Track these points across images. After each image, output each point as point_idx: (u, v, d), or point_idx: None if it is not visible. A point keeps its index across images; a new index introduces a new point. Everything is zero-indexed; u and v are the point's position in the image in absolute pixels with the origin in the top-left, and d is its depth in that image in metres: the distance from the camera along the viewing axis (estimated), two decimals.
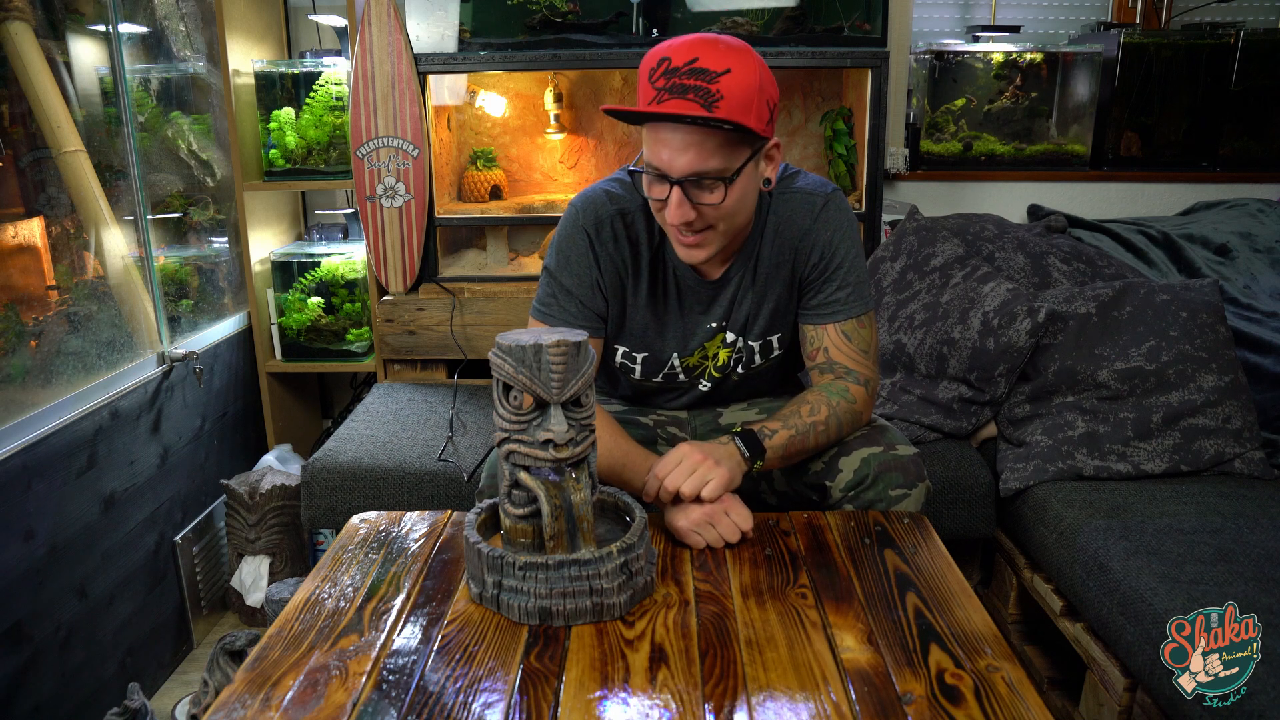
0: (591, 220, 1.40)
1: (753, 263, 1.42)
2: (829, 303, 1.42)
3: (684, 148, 1.21)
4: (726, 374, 1.52)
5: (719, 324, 1.46)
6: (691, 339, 1.47)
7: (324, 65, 2.34)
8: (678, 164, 1.22)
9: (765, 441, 1.32)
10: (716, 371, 1.52)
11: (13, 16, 1.71)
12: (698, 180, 1.23)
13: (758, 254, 1.42)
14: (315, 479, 1.85)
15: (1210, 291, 1.92)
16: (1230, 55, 2.52)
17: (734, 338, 1.47)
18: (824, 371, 1.44)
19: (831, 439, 1.40)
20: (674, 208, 1.25)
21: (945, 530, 1.64)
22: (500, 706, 0.91)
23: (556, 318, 1.42)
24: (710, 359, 1.50)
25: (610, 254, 1.40)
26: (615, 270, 1.41)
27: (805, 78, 2.51)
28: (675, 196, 1.24)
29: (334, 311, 2.45)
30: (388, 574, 1.17)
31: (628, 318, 1.46)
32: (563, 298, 1.41)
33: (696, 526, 1.25)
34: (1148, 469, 1.76)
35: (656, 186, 1.27)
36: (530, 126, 2.57)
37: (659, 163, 1.24)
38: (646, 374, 1.51)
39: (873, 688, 0.94)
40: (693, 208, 1.25)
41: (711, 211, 1.26)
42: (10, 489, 1.52)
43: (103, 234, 1.90)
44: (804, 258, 1.41)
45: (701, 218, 1.27)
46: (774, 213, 1.41)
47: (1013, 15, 2.69)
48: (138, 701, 1.63)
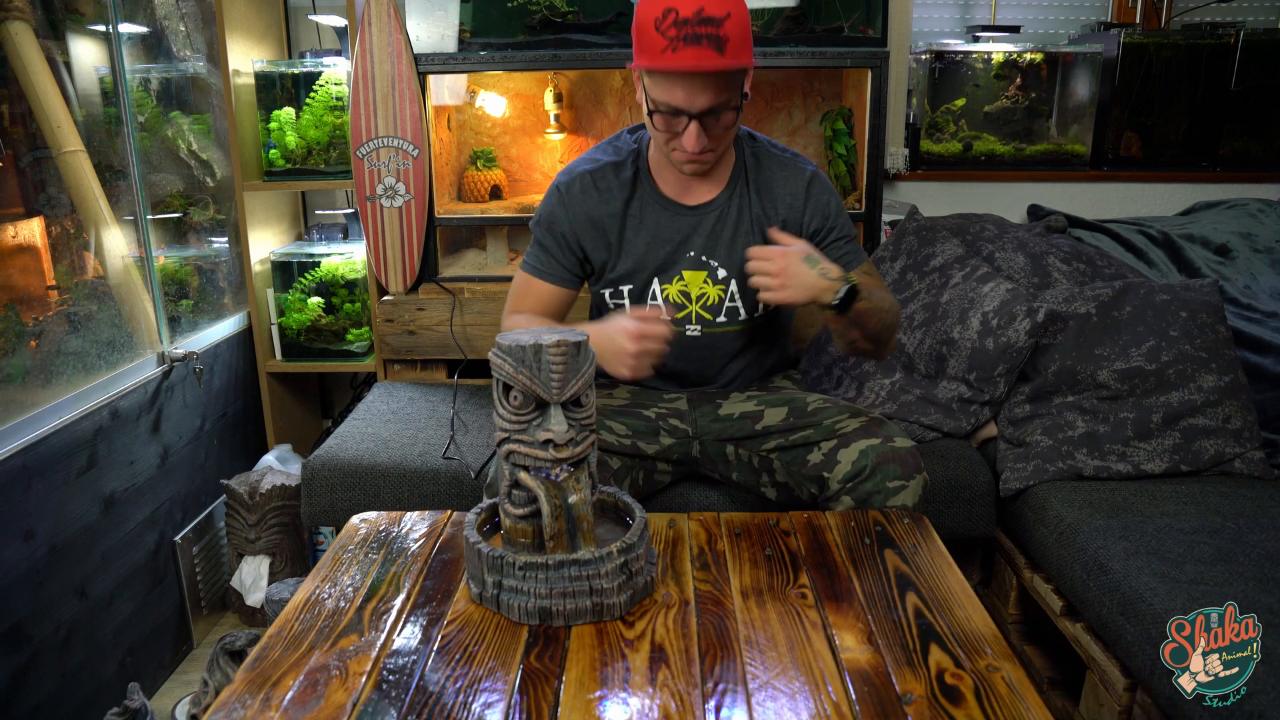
0: (565, 178, 1.63)
1: (733, 198, 1.59)
2: (845, 254, 1.60)
3: (703, 89, 1.39)
4: (715, 319, 1.60)
5: (701, 258, 1.59)
6: (671, 266, 1.60)
7: (324, 65, 2.34)
8: (698, 102, 1.40)
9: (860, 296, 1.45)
10: (706, 313, 1.60)
11: (13, 16, 1.71)
12: (711, 112, 1.42)
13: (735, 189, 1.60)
14: (316, 476, 1.85)
15: (1210, 291, 1.92)
16: (1230, 55, 2.52)
17: (724, 274, 1.59)
18: None
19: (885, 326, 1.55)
20: (693, 139, 1.43)
21: (945, 530, 1.64)
22: (500, 706, 0.91)
23: (532, 266, 1.65)
24: (695, 300, 1.59)
25: (579, 203, 1.60)
26: (586, 215, 1.60)
27: (805, 78, 2.51)
28: (694, 129, 1.42)
29: (334, 311, 2.45)
30: (388, 574, 1.17)
31: (610, 252, 1.61)
32: (539, 252, 1.65)
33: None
34: (1148, 469, 1.76)
35: (672, 122, 1.44)
36: (530, 126, 2.57)
37: (677, 102, 1.41)
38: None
39: (873, 688, 0.94)
40: (706, 136, 1.44)
41: (721, 136, 1.47)
42: (10, 489, 1.52)
43: (103, 234, 1.90)
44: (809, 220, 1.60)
45: (713, 141, 1.46)
46: (754, 157, 1.62)
47: (1013, 15, 2.69)
48: (138, 701, 1.63)
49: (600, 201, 1.60)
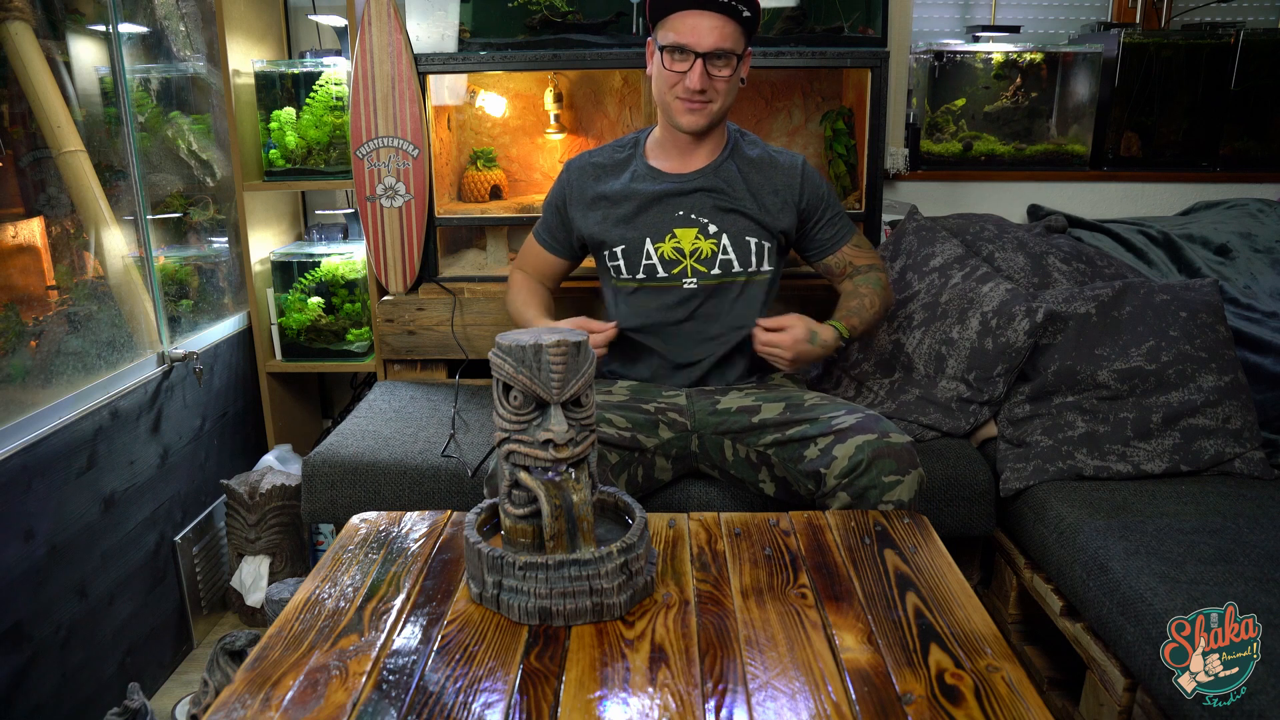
0: (574, 160, 1.86)
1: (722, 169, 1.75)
2: (835, 233, 1.83)
3: (711, 29, 1.59)
4: (711, 271, 1.73)
5: (688, 213, 1.74)
6: (662, 225, 1.74)
7: (324, 65, 2.34)
8: (706, 41, 1.59)
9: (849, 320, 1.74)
10: (700, 265, 1.73)
11: (13, 16, 1.71)
12: (717, 55, 1.60)
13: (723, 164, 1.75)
14: (316, 473, 1.85)
15: (1210, 291, 1.92)
16: (1230, 55, 2.52)
17: (714, 230, 1.73)
18: (855, 274, 1.85)
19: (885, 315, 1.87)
20: (696, 76, 1.61)
21: (945, 530, 1.64)
22: (500, 706, 0.91)
23: (537, 233, 1.92)
24: (689, 255, 1.72)
25: (578, 178, 1.82)
26: (583, 186, 1.81)
27: (805, 78, 2.51)
28: (698, 68, 1.61)
29: (334, 311, 2.45)
30: (388, 574, 1.17)
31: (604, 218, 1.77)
32: (543, 220, 1.91)
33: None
34: (1148, 469, 1.76)
35: (679, 62, 1.63)
36: (530, 126, 2.57)
37: (687, 40, 1.60)
38: (631, 271, 1.76)
39: (873, 688, 0.94)
40: (709, 78, 1.62)
41: (721, 84, 1.65)
42: (10, 489, 1.52)
43: (103, 234, 1.90)
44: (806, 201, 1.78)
45: (712, 87, 1.64)
46: (743, 140, 1.82)
47: (1013, 15, 2.69)
48: (138, 701, 1.63)
49: (597, 179, 1.80)
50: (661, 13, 1.64)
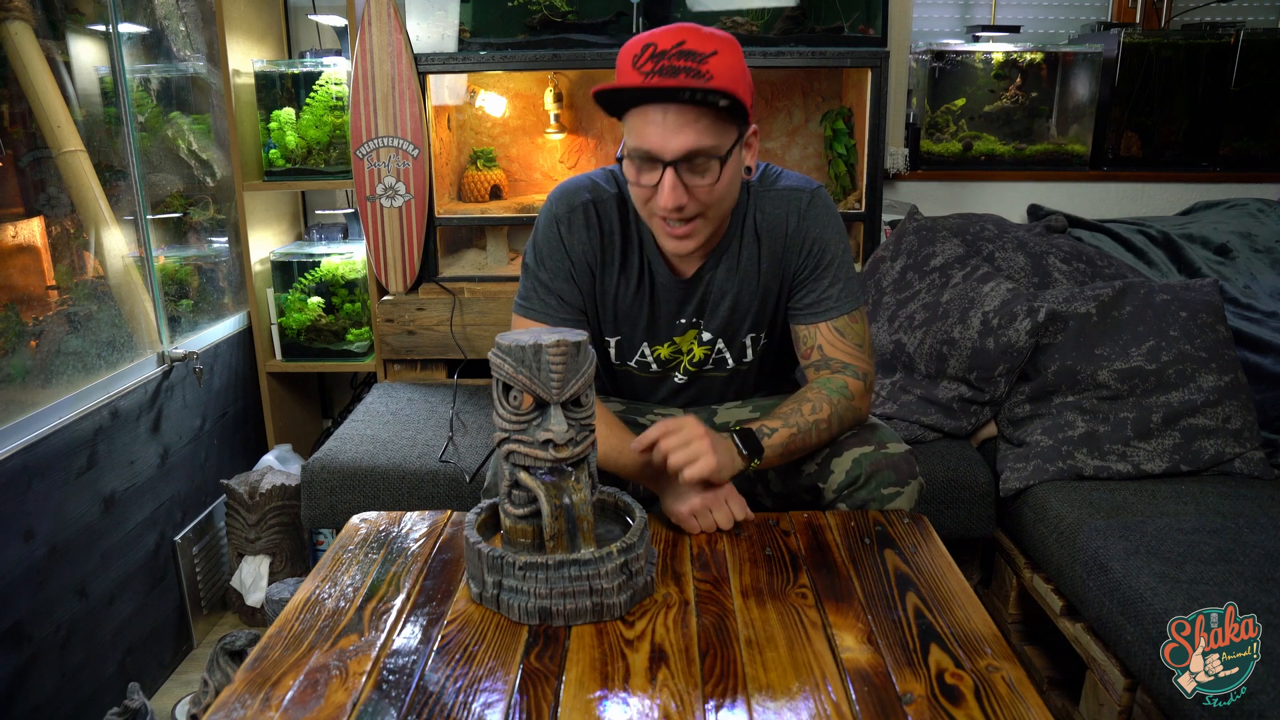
0: (564, 209, 1.38)
1: (733, 261, 1.40)
2: (821, 300, 1.40)
3: (678, 127, 1.19)
4: (702, 369, 1.51)
5: (691, 320, 1.45)
6: (662, 331, 1.46)
7: (324, 65, 2.34)
8: (672, 145, 1.19)
9: (764, 440, 1.31)
10: (692, 366, 1.51)
11: (13, 16, 1.71)
12: (691, 160, 1.21)
13: (738, 252, 1.40)
14: (315, 479, 1.85)
15: (1210, 291, 1.92)
16: (1230, 55, 2.52)
17: (709, 336, 1.46)
18: (819, 368, 1.42)
19: (833, 435, 1.39)
20: (667, 192, 1.21)
21: (945, 530, 1.64)
22: (500, 706, 0.91)
23: (537, 311, 1.40)
24: (685, 354, 1.50)
25: (582, 240, 1.38)
26: (584, 257, 1.39)
27: (805, 78, 2.51)
28: (669, 179, 1.21)
29: (334, 311, 2.45)
30: (388, 574, 1.17)
31: (599, 304, 1.44)
32: (541, 292, 1.40)
33: (695, 512, 1.27)
34: (1148, 469, 1.76)
35: (647, 173, 1.24)
36: (530, 126, 2.57)
37: (650, 146, 1.20)
38: (622, 359, 1.51)
39: (873, 688, 0.94)
40: (685, 191, 1.22)
41: (704, 194, 1.24)
42: (10, 489, 1.52)
43: (103, 234, 1.90)
44: (793, 255, 1.40)
45: (694, 201, 1.24)
46: (757, 209, 1.39)
47: (1013, 15, 2.69)
48: (138, 701, 1.63)
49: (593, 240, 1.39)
50: (616, 109, 1.26)
